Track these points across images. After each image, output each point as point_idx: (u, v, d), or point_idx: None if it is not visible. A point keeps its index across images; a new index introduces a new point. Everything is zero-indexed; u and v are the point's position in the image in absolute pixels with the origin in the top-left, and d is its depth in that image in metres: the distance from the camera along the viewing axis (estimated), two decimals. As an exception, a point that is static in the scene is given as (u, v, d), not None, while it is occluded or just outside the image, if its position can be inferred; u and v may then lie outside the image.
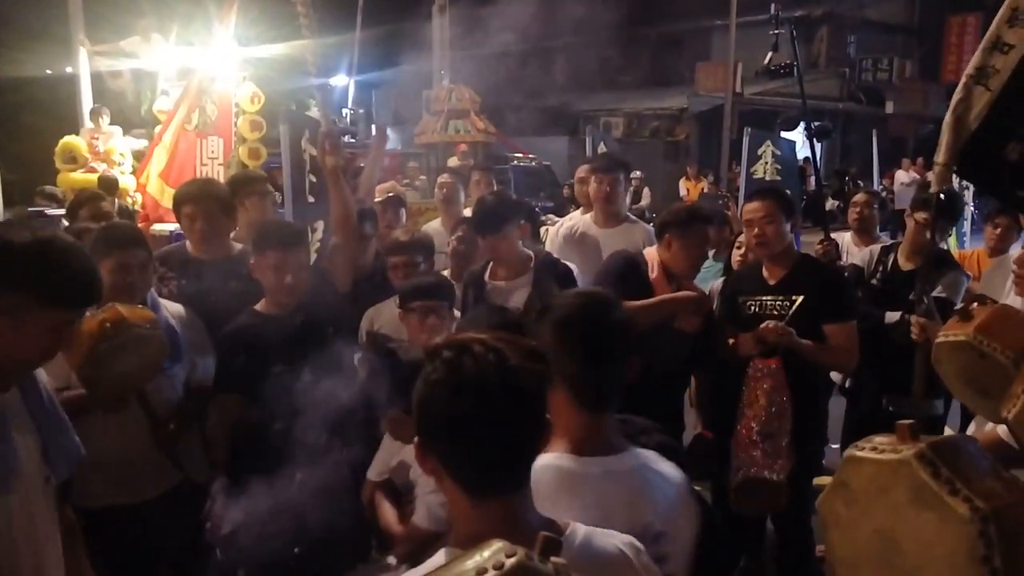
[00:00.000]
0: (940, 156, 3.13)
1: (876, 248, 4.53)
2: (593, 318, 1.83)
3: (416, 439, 1.38)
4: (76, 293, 1.87)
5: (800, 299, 3.48)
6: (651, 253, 3.71)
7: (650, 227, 4.32)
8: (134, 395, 2.91)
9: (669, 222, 3.65)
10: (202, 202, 3.63)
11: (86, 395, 2.75)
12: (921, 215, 4.12)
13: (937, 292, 3.94)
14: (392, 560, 2.81)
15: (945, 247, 5.23)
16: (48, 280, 1.79)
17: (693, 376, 4.10)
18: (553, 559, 0.97)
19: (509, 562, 0.92)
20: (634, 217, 4.93)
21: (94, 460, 2.86)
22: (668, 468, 1.84)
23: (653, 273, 3.62)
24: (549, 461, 1.71)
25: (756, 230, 3.56)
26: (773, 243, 3.55)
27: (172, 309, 3.22)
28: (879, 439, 1.28)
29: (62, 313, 1.84)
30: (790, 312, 3.49)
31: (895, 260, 4.30)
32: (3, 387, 1.85)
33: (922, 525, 1.17)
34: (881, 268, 4.35)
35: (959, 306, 2.62)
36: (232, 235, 3.81)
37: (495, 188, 5.77)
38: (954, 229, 6.09)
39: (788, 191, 6.61)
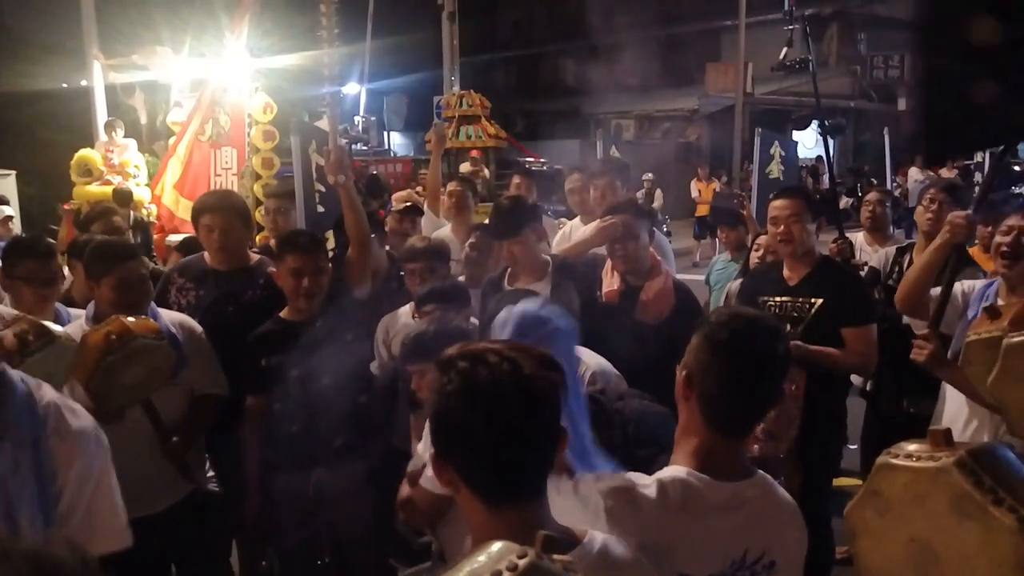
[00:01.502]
0: None
1: (891, 250, 4.49)
2: (754, 344, 1.73)
3: (432, 451, 1.38)
4: None
5: (819, 302, 3.44)
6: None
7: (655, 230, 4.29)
8: (140, 405, 2.92)
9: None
10: (220, 213, 3.64)
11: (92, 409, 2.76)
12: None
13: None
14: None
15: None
16: None
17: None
18: (557, 557, 0.96)
19: (522, 563, 0.91)
20: None
21: None
22: (784, 495, 1.83)
23: (606, 267, 3.68)
24: (678, 474, 1.67)
25: (782, 228, 3.52)
26: (798, 242, 3.50)
27: (172, 318, 3.23)
28: (912, 446, 1.25)
29: None
30: (809, 314, 3.45)
31: (910, 260, 4.26)
32: None
33: (963, 535, 1.15)
34: (897, 269, 4.31)
35: (987, 304, 2.62)
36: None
37: (534, 195, 5.72)
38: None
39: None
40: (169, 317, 3.22)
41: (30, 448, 1.87)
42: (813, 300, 3.46)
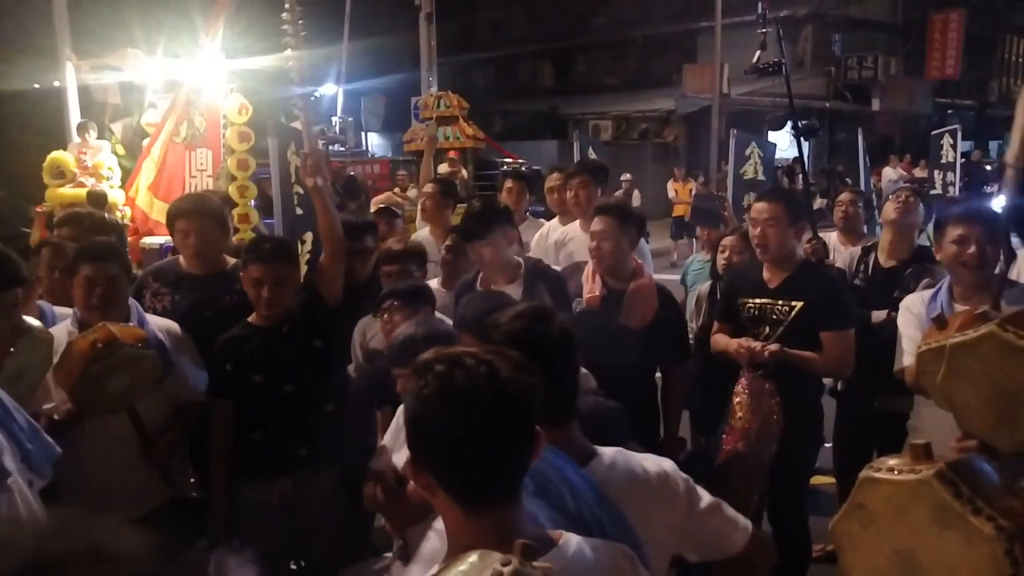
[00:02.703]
0: (1010, 157, 2.92)
1: (857, 249, 4.55)
2: (535, 335, 1.80)
3: (409, 455, 1.38)
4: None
5: (799, 306, 3.46)
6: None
7: None
8: (124, 411, 2.92)
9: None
10: (195, 217, 3.61)
11: (74, 411, 2.75)
12: None
13: (922, 288, 3.90)
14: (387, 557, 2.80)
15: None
16: None
17: (664, 375, 3.84)
18: (537, 564, 0.98)
19: (507, 570, 0.94)
20: None
21: (84, 480, 2.88)
22: (637, 464, 1.83)
23: (586, 272, 3.69)
24: None
25: (758, 231, 3.54)
26: (773, 246, 3.53)
27: (160, 324, 3.22)
28: (893, 460, 1.28)
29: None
30: (789, 318, 3.48)
31: (876, 259, 4.32)
32: None
33: (945, 545, 1.18)
34: (863, 268, 4.36)
35: (935, 314, 2.66)
36: None
37: (527, 198, 5.69)
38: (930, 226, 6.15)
39: (771, 192, 6.69)
40: (156, 323, 3.21)
41: None
42: (793, 303, 3.48)
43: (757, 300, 3.58)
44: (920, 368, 2.34)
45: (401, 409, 2.78)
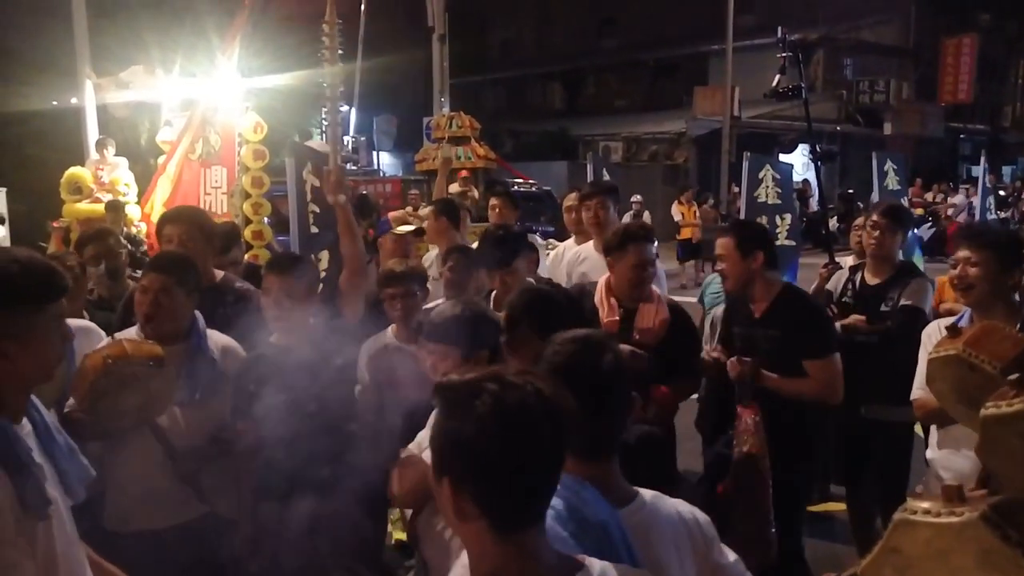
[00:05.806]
0: None
1: (846, 270, 4.63)
2: (591, 363, 1.77)
3: (446, 480, 1.34)
4: (47, 284, 1.87)
5: (780, 334, 3.51)
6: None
7: None
8: (144, 427, 2.93)
9: (607, 246, 3.74)
10: (179, 223, 3.65)
11: (93, 424, 2.77)
12: None
13: (904, 300, 4.07)
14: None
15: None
16: (28, 285, 1.81)
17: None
18: None
19: None
20: None
21: (124, 484, 2.96)
22: (672, 509, 1.82)
23: (598, 295, 3.69)
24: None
25: (720, 266, 3.71)
26: (729, 277, 3.64)
27: (219, 341, 3.22)
28: (925, 503, 1.24)
29: (49, 309, 1.87)
30: (773, 346, 3.51)
31: (863, 277, 4.37)
32: (18, 418, 1.88)
33: None
34: (851, 286, 4.42)
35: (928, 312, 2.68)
36: None
37: (515, 214, 5.73)
38: (918, 251, 6.31)
39: (789, 214, 6.70)
40: (216, 340, 3.21)
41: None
42: (773, 332, 3.54)
43: (745, 330, 3.66)
44: (929, 374, 2.32)
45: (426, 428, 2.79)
